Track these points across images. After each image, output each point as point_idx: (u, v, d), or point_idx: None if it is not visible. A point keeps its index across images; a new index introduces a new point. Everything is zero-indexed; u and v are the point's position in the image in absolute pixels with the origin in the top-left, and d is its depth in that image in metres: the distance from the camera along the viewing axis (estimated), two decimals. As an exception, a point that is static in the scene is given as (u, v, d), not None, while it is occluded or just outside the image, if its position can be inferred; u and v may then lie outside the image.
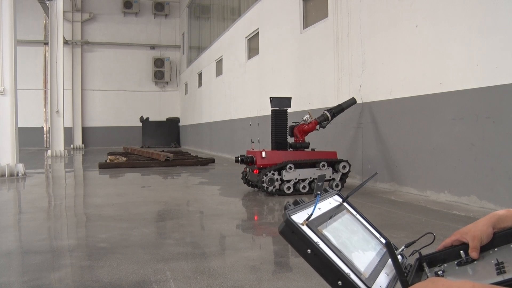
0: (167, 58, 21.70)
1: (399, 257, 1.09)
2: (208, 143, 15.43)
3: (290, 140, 5.61)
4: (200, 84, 17.11)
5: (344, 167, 5.29)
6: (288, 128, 5.57)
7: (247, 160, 5.25)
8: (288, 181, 5.15)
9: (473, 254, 0.98)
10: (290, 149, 5.48)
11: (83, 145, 20.39)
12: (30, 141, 19.24)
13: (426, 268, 1.04)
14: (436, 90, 4.69)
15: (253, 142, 5.74)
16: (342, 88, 6.56)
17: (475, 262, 0.96)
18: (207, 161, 10.21)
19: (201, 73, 16.86)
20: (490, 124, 4.03)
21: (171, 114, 21.57)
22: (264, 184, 5.05)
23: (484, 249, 0.98)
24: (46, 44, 19.44)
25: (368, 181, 1.20)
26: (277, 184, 5.09)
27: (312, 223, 0.89)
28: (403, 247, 1.11)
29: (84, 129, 20.76)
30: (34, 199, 5.35)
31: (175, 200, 5.10)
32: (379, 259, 1.01)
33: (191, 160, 10.34)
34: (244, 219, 4.17)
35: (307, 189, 5.17)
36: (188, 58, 19.84)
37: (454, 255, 1.01)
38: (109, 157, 10.36)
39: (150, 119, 20.83)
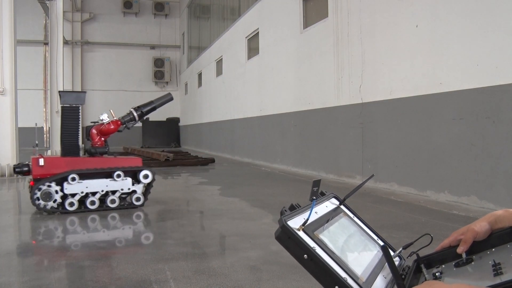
0: (167, 58, 21.71)
1: (396, 259, 1.08)
2: (208, 143, 15.43)
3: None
4: (200, 84, 17.11)
5: (145, 176, 4.43)
6: (85, 129, 4.86)
7: (23, 170, 4.27)
8: (73, 195, 4.18)
9: (460, 248, 0.96)
10: (86, 154, 4.64)
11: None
12: (30, 141, 19.24)
13: (424, 270, 1.04)
14: (436, 90, 4.69)
15: (35, 147, 4.70)
16: (342, 88, 6.56)
17: (472, 263, 0.96)
18: (207, 161, 10.20)
19: (201, 73, 16.86)
20: (490, 124, 4.03)
21: (171, 114, 21.56)
22: (39, 200, 4.04)
23: (481, 249, 0.97)
24: (46, 44, 19.43)
25: (364, 184, 1.20)
26: (58, 198, 4.11)
27: (308, 228, 0.89)
28: (401, 248, 1.11)
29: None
30: (34, 199, 5.34)
31: (175, 200, 5.10)
32: (376, 262, 1.00)
33: (191, 160, 10.34)
34: (244, 219, 4.16)
35: (96, 204, 4.25)
36: (188, 58, 19.85)
37: (452, 256, 1.01)
38: (109, 157, 10.34)
39: (150, 119, 20.80)
